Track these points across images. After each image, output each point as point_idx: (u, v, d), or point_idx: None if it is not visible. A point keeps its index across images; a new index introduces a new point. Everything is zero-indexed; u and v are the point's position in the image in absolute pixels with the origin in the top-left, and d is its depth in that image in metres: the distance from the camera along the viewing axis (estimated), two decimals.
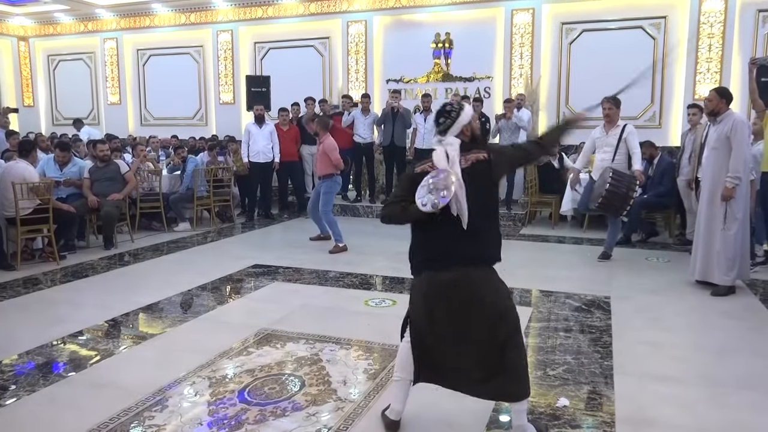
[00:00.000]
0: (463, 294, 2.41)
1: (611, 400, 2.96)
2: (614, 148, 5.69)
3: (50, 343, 3.77)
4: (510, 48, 9.72)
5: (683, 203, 6.62)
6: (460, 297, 2.42)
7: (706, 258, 4.83)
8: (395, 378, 2.67)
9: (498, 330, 2.42)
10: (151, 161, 8.25)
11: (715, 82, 8.50)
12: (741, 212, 4.69)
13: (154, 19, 12.35)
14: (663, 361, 3.49)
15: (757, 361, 3.48)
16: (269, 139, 8.48)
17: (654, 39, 9.06)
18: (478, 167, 2.45)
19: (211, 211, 8.19)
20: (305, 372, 3.29)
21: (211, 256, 6.36)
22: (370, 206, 8.99)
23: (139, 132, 12.27)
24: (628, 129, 5.71)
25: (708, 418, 2.81)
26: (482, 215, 2.43)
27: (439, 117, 2.59)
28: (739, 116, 4.79)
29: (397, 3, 10.32)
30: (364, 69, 10.68)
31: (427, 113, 8.51)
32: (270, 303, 4.67)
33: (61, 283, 5.27)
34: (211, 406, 2.90)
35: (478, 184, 2.43)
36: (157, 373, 3.26)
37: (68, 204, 6.28)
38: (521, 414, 2.51)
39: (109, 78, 12.99)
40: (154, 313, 4.43)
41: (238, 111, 11.63)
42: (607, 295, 4.74)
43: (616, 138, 5.70)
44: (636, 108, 9.19)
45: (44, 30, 13.51)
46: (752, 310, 4.46)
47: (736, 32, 8.62)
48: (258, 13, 11.39)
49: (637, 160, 5.62)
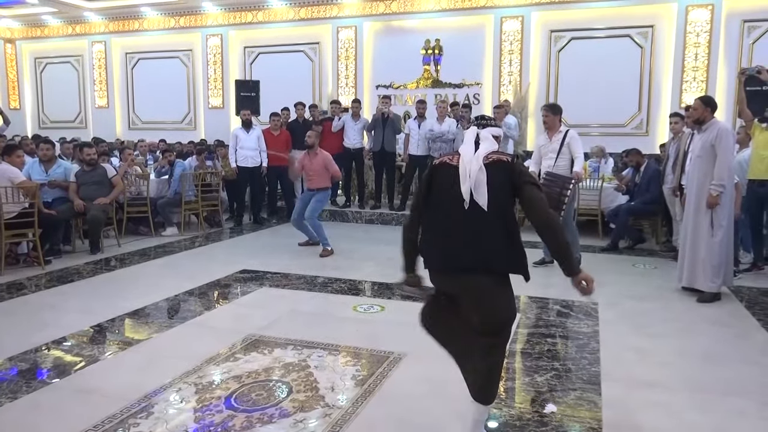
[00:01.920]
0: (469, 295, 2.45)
1: (598, 406, 2.97)
2: (556, 154, 5.69)
3: (34, 349, 3.72)
4: (499, 55, 9.79)
5: (669, 210, 6.68)
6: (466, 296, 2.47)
7: (692, 265, 4.88)
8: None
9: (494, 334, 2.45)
10: (139, 165, 8.20)
11: (701, 90, 8.61)
12: (726, 219, 4.75)
13: (143, 23, 12.31)
14: (650, 367, 3.51)
15: (743, 367, 3.51)
16: (257, 144, 8.47)
17: (641, 48, 9.16)
18: (499, 166, 2.42)
19: (199, 216, 8.15)
20: (293, 378, 3.27)
21: (198, 261, 6.32)
22: (359, 212, 8.98)
23: (127, 136, 12.21)
24: (569, 134, 5.66)
25: (694, 423, 2.82)
26: (500, 215, 2.36)
27: (484, 117, 2.75)
28: (723, 124, 4.85)
29: (387, 9, 10.36)
30: (354, 74, 10.71)
31: (421, 119, 8.52)
32: (258, 308, 4.64)
33: (46, 288, 5.21)
34: (197, 413, 2.87)
35: (497, 180, 2.38)
36: (143, 380, 3.23)
37: (54, 208, 6.22)
38: (480, 424, 2.55)
39: (97, 81, 12.91)
40: (140, 319, 4.39)
41: (227, 115, 11.60)
42: (595, 302, 4.76)
43: (558, 144, 5.68)
44: (623, 116, 9.29)
45: (31, 32, 13.42)
46: (737, 316, 4.50)
47: (722, 42, 8.74)
48: (248, 18, 11.38)
49: (579, 163, 5.58)
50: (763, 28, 8.55)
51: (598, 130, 9.18)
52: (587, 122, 9.19)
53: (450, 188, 2.42)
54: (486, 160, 2.42)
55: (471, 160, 2.42)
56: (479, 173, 2.37)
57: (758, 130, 5.51)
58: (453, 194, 2.41)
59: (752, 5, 8.56)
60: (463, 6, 9.93)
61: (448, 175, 2.45)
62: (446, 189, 2.44)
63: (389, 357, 3.56)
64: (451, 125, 8.31)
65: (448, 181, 2.44)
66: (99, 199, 6.56)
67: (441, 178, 2.49)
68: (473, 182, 2.36)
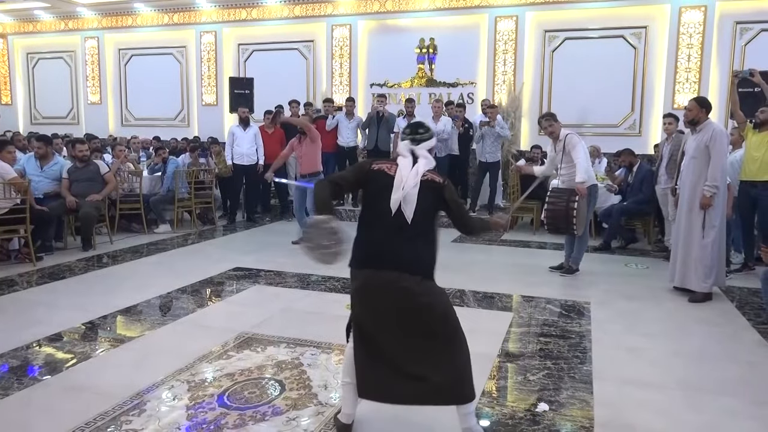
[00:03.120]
0: (400, 294, 2.46)
1: (590, 405, 2.98)
2: (560, 163, 5.44)
3: (25, 346, 3.70)
4: (493, 54, 9.81)
5: (662, 211, 6.71)
6: (396, 296, 2.46)
7: (684, 265, 4.91)
8: (342, 383, 2.67)
9: (438, 331, 2.48)
10: (132, 162, 8.16)
11: (694, 91, 8.66)
12: (718, 220, 4.78)
13: (136, 19, 12.24)
14: (641, 366, 3.53)
15: (733, 367, 3.54)
16: (253, 142, 8.45)
17: (635, 48, 9.20)
18: (432, 185, 2.55)
19: (192, 213, 8.12)
20: (285, 376, 3.27)
21: (191, 259, 6.30)
22: (352, 210, 8.98)
23: (120, 132, 12.14)
24: (567, 140, 5.32)
25: (685, 422, 2.84)
26: (422, 227, 2.51)
27: (419, 127, 2.72)
28: (718, 126, 4.88)
29: (381, 7, 10.35)
30: (348, 73, 10.70)
31: (410, 118, 8.53)
32: (251, 306, 4.63)
33: (38, 284, 5.18)
34: (189, 411, 2.86)
35: (426, 199, 2.51)
36: (135, 377, 3.21)
37: (46, 204, 6.18)
38: (470, 416, 2.53)
39: (90, 77, 12.83)
40: (132, 316, 4.37)
41: (221, 112, 11.57)
42: (587, 301, 4.78)
43: (561, 152, 5.39)
44: (616, 116, 9.33)
45: (24, 27, 13.32)
46: (728, 316, 4.53)
47: (715, 43, 8.79)
48: (242, 15, 11.34)
49: (579, 172, 5.20)
50: (756, 30, 8.61)
51: (592, 130, 9.21)
52: (580, 122, 9.22)
53: (383, 196, 2.51)
54: (422, 177, 2.53)
55: (408, 175, 2.52)
56: (413, 189, 2.48)
57: (751, 131, 5.55)
58: (384, 202, 2.50)
59: (745, 7, 8.61)
60: (458, 5, 9.94)
61: (383, 184, 2.52)
62: (379, 195, 2.52)
63: None
64: (447, 124, 8.33)
65: (383, 189, 2.52)
66: (91, 195, 6.52)
67: (376, 185, 2.56)
68: (403, 195, 2.47)
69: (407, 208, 2.48)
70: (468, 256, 6.56)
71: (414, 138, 2.67)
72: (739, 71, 5.73)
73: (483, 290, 5.06)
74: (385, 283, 2.48)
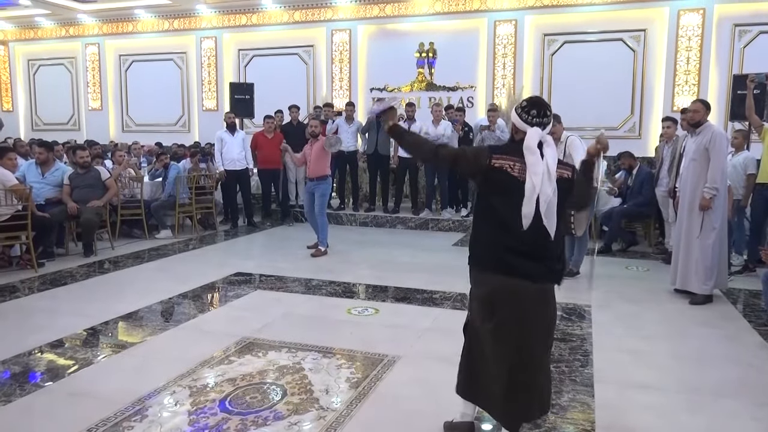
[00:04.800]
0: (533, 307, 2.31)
1: (591, 408, 2.99)
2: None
3: (27, 352, 3.70)
4: (493, 58, 9.83)
5: (662, 213, 6.72)
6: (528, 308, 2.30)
7: (685, 267, 4.91)
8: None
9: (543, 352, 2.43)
10: (133, 168, 8.18)
11: (693, 94, 8.67)
12: (718, 222, 4.78)
13: (136, 25, 12.29)
14: (642, 368, 3.53)
15: (734, 369, 3.54)
16: (242, 147, 8.47)
17: (634, 51, 9.22)
18: (564, 184, 2.31)
19: (193, 219, 8.13)
20: (287, 381, 3.27)
21: (192, 264, 6.31)
22: (353, 214, 8.99)
23: (121, 138, 12.17)
24: (568, 141, 5.25)
25: (686, 425, 2.85)
26: (559, 230, 2.30)
27: (543, 107, 2.33)
28: (717, 128, 4.89)
29: (381, 12, 10.38)
30: (348, 77, 10.73)
31: (410, 122, 8.54)
32: (252, 311, 4.64)
33: (39, 291, 5.19)
34: (191, 416, 2.87)
35: (560, 200, 2.27)
36: (137, 383, 3.22)
37: (47, 211, 6.19)
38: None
39: (91, 83, 12.88)
40: (134, 322, 4.38)
41: (222, 118, 11.57)
42: (588, 304, 4.78)
43: (561, 154, 5.30)
44: (616, 119, 9.35)
45: (24, 34, 13.37)
46: (729, 318, 4.53)
47: (714, 46, 8.81)
48: (242, 21, 11.38)
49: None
50: (754, 33, 8.63)
51: (591, 133, 9.18)
52: (580, 125, 9.20)
53: (509, 201, 2.25)
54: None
55: (542, 181, 2.19)
56: (552, 198, 2.21)
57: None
58: (512, 207, 2.24)
59: (743, 10, 8.64)
60: (457, 9, 9.97)
61: (507, 187, 2.25)
62: (505, 200, 2.27)
63: (383, 360, 3.57)
64: (447, 128, 8.34)
65: (508, 192, 2.25)
66: (92, 201, 6.53)
67: (499, 185, 2.28)
68: (544, 208, 2.20)
69: (549, 223, 2.22)
70: None
71: (542, 122, 2.28)
72: (755, 76, 5.71)
73: None
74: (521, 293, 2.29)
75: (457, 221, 8.44)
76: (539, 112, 2.30)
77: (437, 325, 4.30)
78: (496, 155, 2.30)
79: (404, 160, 8.58)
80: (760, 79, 5.58)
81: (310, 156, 6.67)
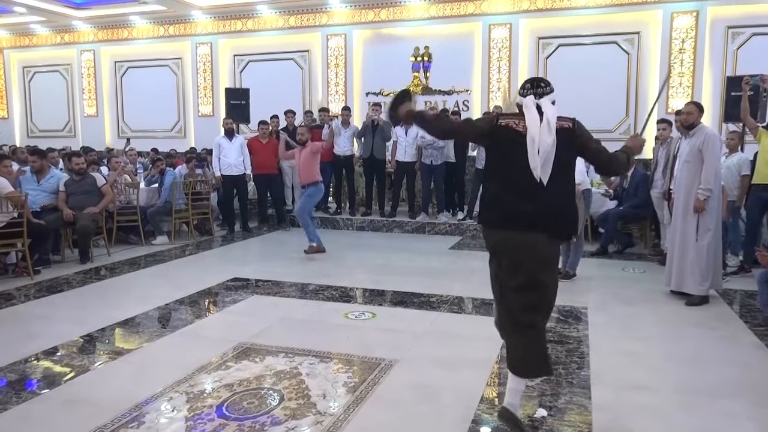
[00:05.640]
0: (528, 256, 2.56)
1: (588, 410, 2.99)
2: None
3: (23, 360, 3.69)
4: (488, 62, 9.86)
5: (657, 215, 6.74)
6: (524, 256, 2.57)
7: (681, 268, 4.92)
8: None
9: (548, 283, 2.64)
10: (129, 174, 8.17)
11: (687, 96, 8.70)
12: (713, 223, 4.80)
13: (132, 31, 12.29)
14: (639, 370, 3.54)
15: (730, 370, 3.55)
16: (240, 152, 8.47)
17: (628, 54, 9.26)
18: (564, 134, 2.57)
19: (190, 224, 8.12)
20: (284, 386, 3.27)
21: (189, 270, 6.30)
22: (350, 219, 9.00)
23: (117, 144, 12.15)
24: None
25: (683, 426, 2.85)
26: (559, 183, 2.53)
27: (540, 81, 2.73)
28: (710, 130, 4.91)
29: (376, 17, 10.41)
30: (344, 82, 10.74)
31: (407, 126, 8.56)
32: (249, 316, 4.63)
33: (35, 298, 5.18)
34: (188, 422, 2.86)
35: (559, 151, 2.52)
36: (134, 389, 3.21)
37: (43, 218, 6.18)
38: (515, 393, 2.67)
39: (86, 90, 12.86)
40: (130, 328, 4.37)
41: (217, 123, 11.56)
42: (585, 306, 4.79)
43: None
44: (611, 121, 9.37)
45: (20, 41, 13.36)
46: (725, 319, 4.54)
47: (707, 48, 8.85)
48: (237, 26, 11.40)
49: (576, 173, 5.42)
50: (747, 35, 8.67)
51: None
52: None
53: (514, 154, 2.54)
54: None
55: (540, 131, 2.51)
56: (551, 148, 2.48)
57: (765, 135, 5.59)
58: (517, 160, 2.53)
59: (735, 12, 8.68)
60: (452, 14, 10.00)
61: (512, 141, 2.55)
62: (510, 154, 2.56)
63: (381, 364, 3.57)
64: None
65: (512, 146, 2.55)
66: (88, 208, 6.52)
67: (504, 143, 2.59)
68: (542, 159, 2.48)
69: (544, 172, 2.49)
70: (465, 263, 6.59)
71: (536, 92, 2.67)
72: (749, 78, 5.74)
73: (481, 297, 5.07)
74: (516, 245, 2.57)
75: (454, 225, 8.45)
76: (532, 84, 2.72)
77: (434, 329, 4.30)
78: (503, 117, 2.69)
79: (401, 164, 8.60)
80: (755, 82, 5.62)
81: (299, 162, 6.76)
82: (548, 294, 2.64)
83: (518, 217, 2.55)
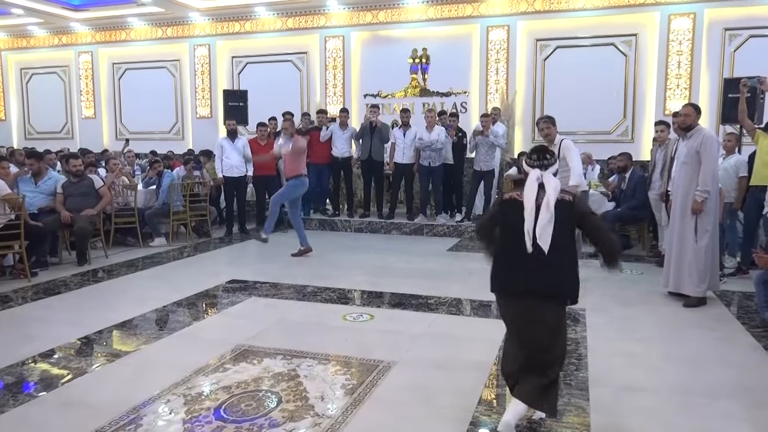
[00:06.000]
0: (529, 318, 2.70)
1: (586, 412, 2.99)
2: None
3: (21, 362, 3.69)
4: (486, 63, 9.87)
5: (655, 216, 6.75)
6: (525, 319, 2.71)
7: (678, 270, 4.93)
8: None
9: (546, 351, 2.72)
10: (126, 176, 8.16)
11: (685, 98, 8.72)
12: (711, 225, 4.81)
13: (130, 33, 12.28)
14: (637, 372, 3.54)
15: (728, 371, 3.55)
16: (242, 153, 8.47)
17: (625, 56, 9.27)
18: (562, 206, 2.66)
19: (187, 226, 8.11)
20: (282, 388, 3.27)
21: (187, 272, 6.29)
22: (348, 220, 9.00)
23: (115, 146, 12.13)
24: (563, 145, 5.38)
25: (681, 427, 2.86)
26: (558, 251, 2.62)
27: (545, 153, 2.81)
28: (708, 131, 4.92)
29: (374, 19, 10.41)
30: (342, 84, 10.74)
31: (405, 128, 8.57)
32: (247, 318, 4.63)
33: (33, 300, 5.17)
34: (186, 425, 2.86)
35: (558, 221, 2.62)
36: (131, 392, 3.21)
37: (41, 220, 6.17)
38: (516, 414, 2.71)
39: (84, 92, 12.84)
40: (128, 330, 4.36)
41: (215, 125, 11.58)
42: (582, 307, 4.79)
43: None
44: (609, 123, 9.39)
45: (17, 43, 13.34)
46: (723, 320, 4.55)
47: (704, 50, 8.87)
48: (235, 28, 11.39)
49: (573, 176, 5.33)
50: (744, 36, 8.69)
51: (585, 137, 9.26)
52: (573, 129, 9.25)
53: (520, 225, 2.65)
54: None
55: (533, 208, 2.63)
56: (548, 224, 2.59)
57: (762, 137, 5.60)
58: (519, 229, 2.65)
59: (733, 14, 8.70)
60: (450, 15, 10.01)
61: (518, 213, 2.67)
62: (516, 225, 2.67)
63: (378, 366, 3.56)
64: (440, 133, 8.36)
65: (518, 217, 2.66)
66: (86, 210, 6.51)
67: (511, 215, 2.72)
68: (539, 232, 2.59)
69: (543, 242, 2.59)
70: (463, 264, 6.59)
71: (542, 164, 2.76)
72: (747, 80, 5.75)
73: (479, 299, 5.07)
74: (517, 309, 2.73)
75: (452, 227, 8.46)
76: (538, 156, 2.79)
77: (432, 331, 4.30)
78: (506, 195, 2.81)
79: (399, 165, 8.61)
80: (752, 83, 5.63)
81: (286, 158, 6.95)
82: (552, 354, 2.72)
83: (515, 283, 2.71)
